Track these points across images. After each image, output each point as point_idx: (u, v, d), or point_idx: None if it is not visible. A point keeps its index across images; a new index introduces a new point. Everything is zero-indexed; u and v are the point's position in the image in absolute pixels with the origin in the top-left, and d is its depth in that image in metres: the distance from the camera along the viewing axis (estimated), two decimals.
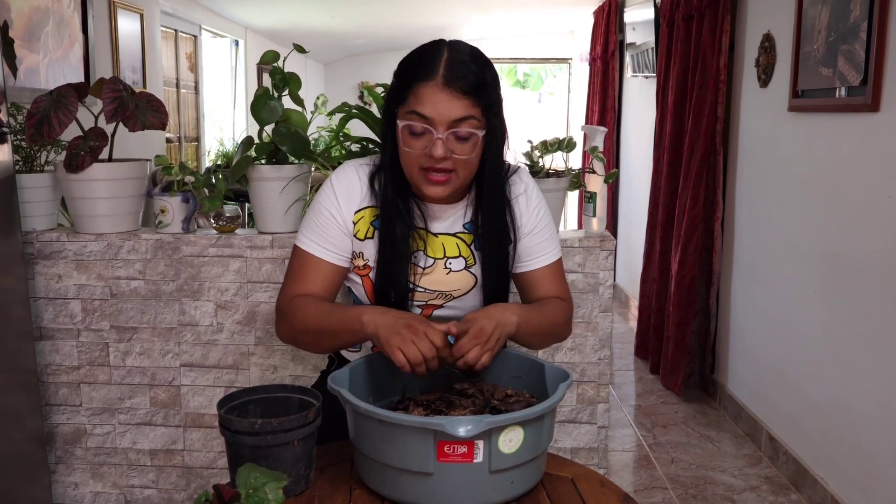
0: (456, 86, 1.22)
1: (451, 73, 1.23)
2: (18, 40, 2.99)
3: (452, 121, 1.23)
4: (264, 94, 1.92)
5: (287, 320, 1.33)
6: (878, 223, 2.24)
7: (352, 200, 1.35)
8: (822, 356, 2.58)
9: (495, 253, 1.36)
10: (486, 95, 1.25)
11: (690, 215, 3.45)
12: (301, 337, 1.34)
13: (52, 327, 2.04)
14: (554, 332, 1.38)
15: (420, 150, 1.25)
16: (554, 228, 1.45)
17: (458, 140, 1.24)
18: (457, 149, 1.25)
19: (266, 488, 0.98)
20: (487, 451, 1.06)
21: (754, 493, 2.70)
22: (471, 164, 1.28)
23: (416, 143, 1.25)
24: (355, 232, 1.35)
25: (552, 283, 1.40)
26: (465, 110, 1.23)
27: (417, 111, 1.24)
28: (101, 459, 2.11)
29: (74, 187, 1.94)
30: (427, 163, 1.25)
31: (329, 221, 1.34)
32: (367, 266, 1.36)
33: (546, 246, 1.40)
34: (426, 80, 1.23)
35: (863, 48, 2.26)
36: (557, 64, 9.04)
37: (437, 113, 1.22)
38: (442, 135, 1.23)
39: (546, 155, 1.99)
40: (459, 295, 1.38)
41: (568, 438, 2.09)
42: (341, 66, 9.39)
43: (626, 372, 4.01)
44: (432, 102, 1.22)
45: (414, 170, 1.28)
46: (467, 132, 1.24)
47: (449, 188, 1.28)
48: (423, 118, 1.23)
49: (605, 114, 5.46)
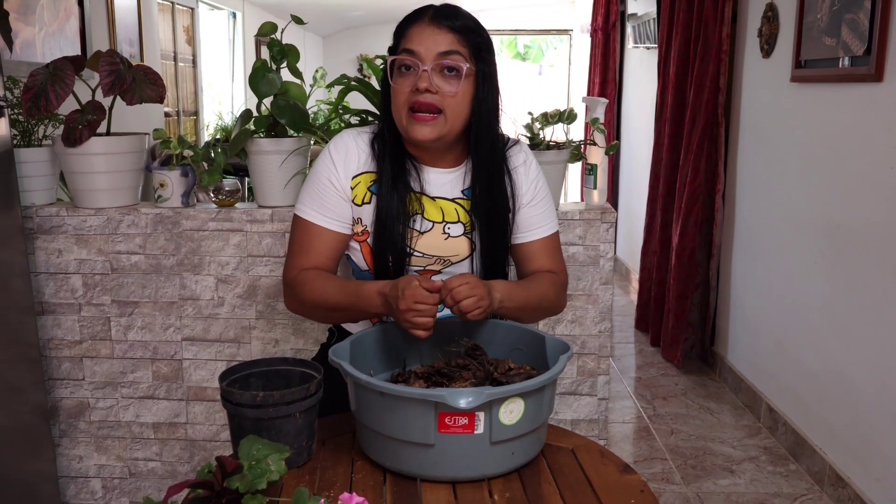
0: (443, 22, 1.27)
1: (439, 11, 1.29)
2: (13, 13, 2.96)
3: (438, 53, 1.26)
4: (262, 66, 1.90)
5: (295, 294, 1.35)
6: (879, 194, 2.23)
7: (349, 166, 1.36)
8: (821, 327, 2.59)
9: (493, 220, 1.37)
10: (473, 37, 1.29)
11: (691, 187, 3.44)
12: (311, 313, 1.37)
13: (54, 302, 2.05)
14: (543, 306, 1.39)
15: (408, 88, 1.27)
16: (552, 202, 1.45)
17: (444, 76, 1.27)
18: (443, 85, 1.27)
19: (268, 460, 0.99)
20: (488, 423, 1.06)
21: (753, 463, 2.73)
22: (458, 105, 1.29)
23: (405, 81, 1.28)
24: (353, 197, 1.36)
25: (547, 257, 1.42)
26: (451, 45, 1.26)
27: (406, 48, 1.28)
28: (105, 433, 2.12)
29: (73, 161, 1.93)
30: (414, 98, 1.27)
31: (328, 189, 1.35)
32: (365, 231, 1.37)
33: (543, 218, 1.41)
34: (415, 21, 1.29)
35: (867, 17, 2.23)
36: (558, 35, 8.95)
37: (424, 46, 1.26)
38: (428, 66, 1.25)
39: (547, 127, 1.98)
40: (457, 261, 1.38)
41: (568, 410, 2.11)
42: (340, 39, 9.31)
43: (626, 344, 4.03)
44: (419, 37, 1.27)
45: (403, 111, 1.29)
46: (452, 63, 1.26)
47: (436, 129, 1.28)
48: (411, 53, 1.27)
49: (606, 85, 5.42)
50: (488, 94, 1.32)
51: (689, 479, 2.61)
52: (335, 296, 1.30)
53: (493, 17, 8.32)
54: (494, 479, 1.12)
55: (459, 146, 1.37)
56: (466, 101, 1.29)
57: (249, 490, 0.95)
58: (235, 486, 0.94)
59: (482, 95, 1.31)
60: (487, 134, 1.34)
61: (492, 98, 1.33)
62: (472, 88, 1.30)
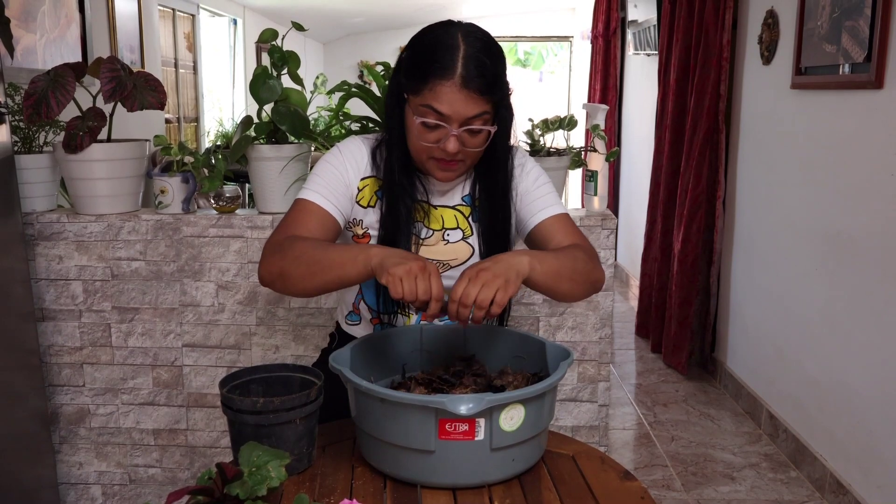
0: (473, 85, 1.22)
1: (469, 72, 1.22)
2: (15, 20, 2.97)
3: (467, 118, 1.24)
4: (263, 72, 1.91)
5: (280, 251, 1.24)
6: (879, 201, 2.23)
7: (359, 167, 1.37)
8: (821, 334, 2.58)
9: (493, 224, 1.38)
10: (499, 91, 1.27)
11: (694, 194, 3.44)
12: (290, 271, 1.22)
13: (54, 308, 2.05)
14: (578, 274, 1.27)
15: (432, 142, 1.27)
16: (552, 187, 1.44)
17: (471, 135, 1.27)
18: (468, 142, 1.27)
19: (269, 466, 0.98)
20: (489, 429, 1.06)
21: (754, 470, 2.72)
22: (480, 153, 1.31)
23: (430, 136, 1.27)
24: (359, 199, 1.36)
25: (564, 233, 1.36)
26: (479, 108, 1.24)
27: (433, 107, 1.24)
28: (105, 439, 2.12)
29: (73, 168, 1.94)
30: (439, 154, 1.28)
31: (335, 178, 1.35)
32: (366, 234, 1.37)
33: (547, 200, 1.40)
34: (443, 78, 1.22)
35: (867, 24, 2.24)
36: (558, 42, 8.97)
37: (454, 111, 1.23)
38: (456, 131, 1.24)
39: (547, 133, 1.98)
40: (457, 265, 1.39)
41: (569, 416, 2.10)
42: (340, 46, 9.33)
43: (626, 351, 4.02)
44: (449, 102, 1.23)
45: (423, 156, 1.30)
46: (479, 128, 1.26)
47: (458, 173, 1.32)
48: (439, 114, 1.24)
49: (606, 92, 5.43)
50: (506, 127, 1.34)
51: (690, 486, 2.60)
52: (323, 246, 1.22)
53: (494, 24, 8.33)
54: (495, 485, 1.12)
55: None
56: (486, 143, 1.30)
57: (250, 496, 0.94)
58: (236, 493, 0.94)
59: (500, 134, 1.32)
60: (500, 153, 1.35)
61: (508, 127, 1.34)
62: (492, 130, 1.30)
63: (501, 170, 1.37)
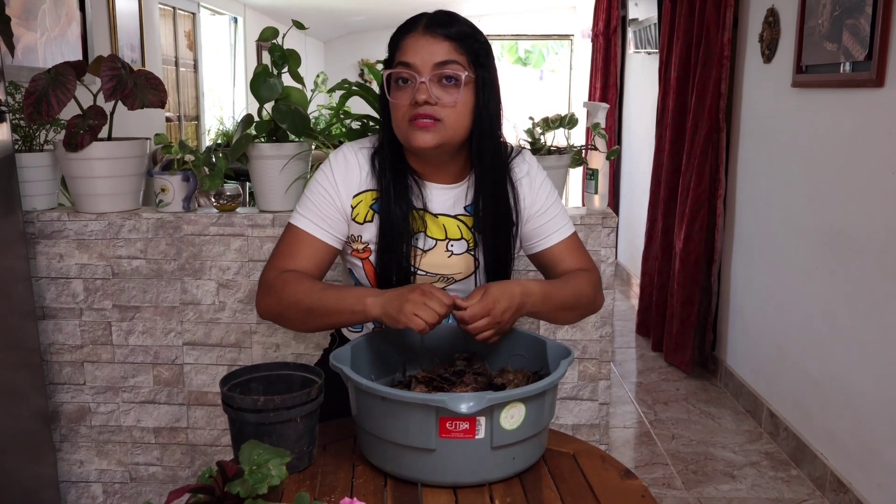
0: (438, 31, 1.24)
1: (433, 20, 1.25)
2: (15, 18, 2.97)
3: (435, 63, 1.23)
4: (264, 71, 1.91)
5: (275, 293, 1.27)
6: (881, 200, 2.23)
7: (350, 185, 1.33)
8: (822, 333, 2.58)
9: (496, 236, 1.35)
10: (470, 43, 1.26)
11: (696, 193, 3.44)
12: (288, 313, 1.27)
13: (55, 306, 2.05)
14: (581, 304, 1.34)
15: (407, 101, 1.24)
16: (562, 207, 1.43)
17: (443, 86, 1.24)
18: (441, 95, 1.24)
19: (269, 465, 0.98)
20: (489, 428, 1.06)
21: (754, 468, 2.72)
22: (458, 112, 1.25)
23: (403, 94, 1.25)
24: (354, 216, 1.34)
25: (572, 257, 1.38)
26: (447, 54, 1.23)
27: (401, 60, 1.25)
28: (106, 437, 2.12)
29: (74, 166, 1.94)
30: (413, 111, 1.24)
31: (326, 202, 1.32)
32: (367, 249, 1.35)
33: (557, 222, 1.39)
34: (409, 31, 1.26)
35: (868, 22, 2.24)
36: (559, 41, 8.97)
37: (419, 57, 1.23)
38: (425, 78, 1.22)
39: (548, 132, 1.98)
40: (461, 278, 1.37)
41: (569, 415, 2.10)
42: (341, 44, 9.33)
43: (627, 349, 4.03)
44: (414, 48, 1.24)
45: (403, 124, 1.26)
46: (451, 73, 1.23)
47: (437, 136, 1.25)
48: (406, 66, 1.24)
49: (607, 91, 5.43)
50: (489, 100, 1.28)
51: (691, 485, 2.60)
52: (318, 293, 1.24)
53: (494, 23, 8.33)
54: (495, 483, 1.12)
55: (461, 159, 1.34)
56: (467, 109, 1.26)
57: (250, 495, 0.94)
58: (236, 491, 0.94)
59: (483, 102, 1.27)
60: (490, 141, 1.31)
61: (493, 104, 1.30)
62: (473, 96, 1.26)
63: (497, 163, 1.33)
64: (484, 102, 1.28)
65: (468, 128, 1.28)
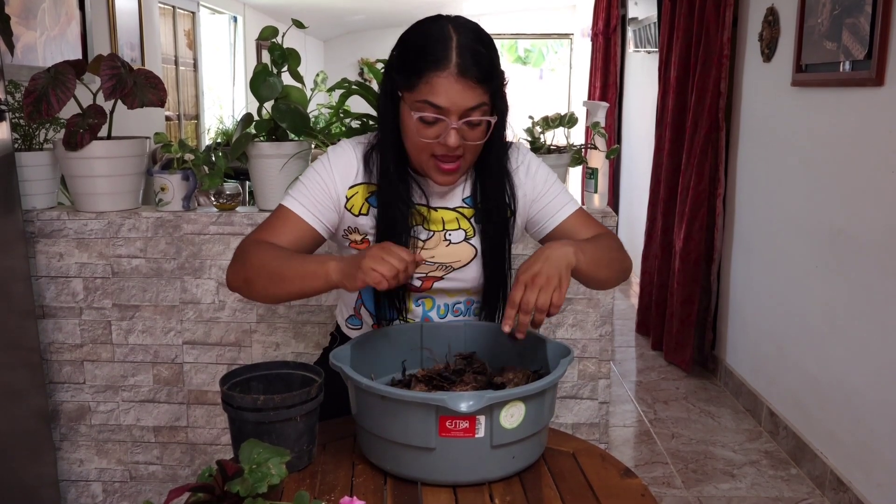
0: (471, 74, 1.19)
1: (465, 61, 1.20)
2: (15, 17, 2.96)
3: (466, 109, 1.21)
4: (263, 70, 1.91)
5: (243, 260, 1.27)
6: (880, 199, 2.23)
7: (347, 176, 1.34)
8: (822, 332, 2.58)
9: (495, 226, 1.36)
10: (495, 80, 1.25)
11: (696, 192, 3.44)
12: (253, 280, 1.25)
13: (55, 306, 2.05)
14: (615, 260, 1.33)
15: (432, 139, 1.23)
16: (562, 186, 1.43)
17: (470, 127, 1.24)
18: (468, 135, 1.24)
19: (269, 463, 0.98)
20: (489, 427, 1.06)
21: (754, 467, 2.72)
22: (479, 147, 1.28)
23: (429, 132, 1.23)
24: (349, 207, 1.34)
25: (585, 229, 1.38)
26: (478, 98, 1.21)
27: (431, 101, 1.21)
28: (106, 436, 2.12)
29: (74, 165, 1.94)
30: (440, 150, 1.24)
31: (319, 188, 1.33)
32: (365, 241, 1.35)
33: (560, 200, 1.39)
34: (439, 70, 1.20)
35: (868, 21, 2.23)
36: (559, 40, 8.96)
37: (452, 103, 1.20)
38: (456, 124, 1.21)
39: (547, 131, 1.98)
40: (459, 266, 1.37)
41: (569, 414, 2.10)
42: (341, 43, 9.32)
43: (626, 348, 4.03)
44: (447, 93, 1.20)
45: (423, 156, 1.26)
46: (479, 119, 1.23)
47: (459, 174, 1.28)
48: (437, 108, 1.21)
49: (606, 90, 5.43)
50: (502, 124, 1.30)
51: (690, 483, 2.60)
52: (282, 260, 1.22)
53: (494, 21, 8.33)
54: (495, 482, 1.12)
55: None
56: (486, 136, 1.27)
57: (250, 494, 0.94)
58: (236, 490, 0.94)
59: (497, 128, 1.29)
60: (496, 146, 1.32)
61: (503, 124, 1.31)
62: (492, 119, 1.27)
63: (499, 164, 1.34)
64: (500, 128, 1.30)
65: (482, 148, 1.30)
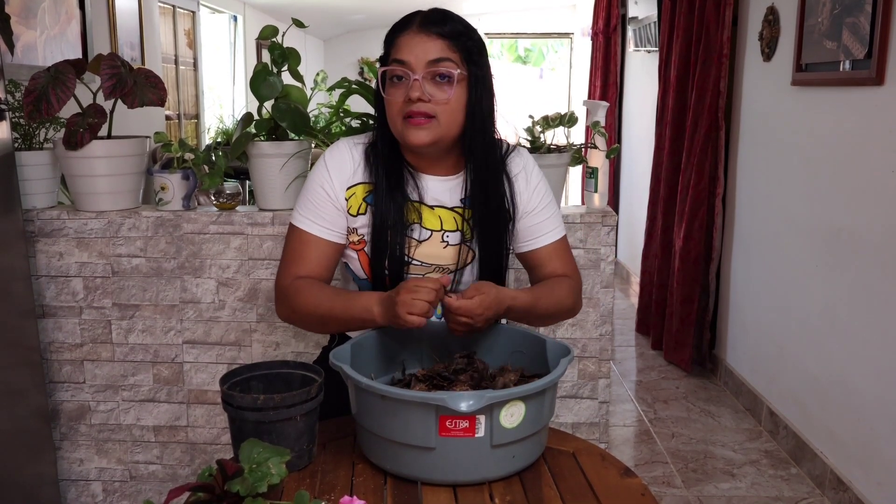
0: (432, 29, 1.26)
1: (427, 18, 1.27)
2: (15, 17, 2.96)
3: (429, 61, 1.25)
4: (263, 69, 1.91)
5: (289, 303, 1.33)
6: (880, 198, 2.23)
7: (343, 177, 1.35)
8: (822, 331, 2.58)
9: (491, 228, 1.37)
10: (464, 41, 1.28)
11: (696, 191, 3.44)
12: (304, 321, 1.35)
13: (55, 305, 2.05)
14: (560, 312, 1.40)
15: (401, 98, 1.26)
16: (556, 206, 1.45)
17: (437, 83, 1.26)
18: (435, 92, 1.26)
19: (269, 463, 0.98)
20: (489, 426, 1.06)
21: (754, 467, 2.72)
22: (452, 110, 1.28)
23: (397, 91, 1.27)
24: (348, 207, 1.35)
25: (558, 261, 1.41)
26: (441, 51, 1.26)
27: (396, 58, 1.27)
28: (106, 436, 2.12)
29: (74, 164, 1.94)
30: (407, 107, 1.26)
31: (323, 198, 1.35)
32: (361, 241, 1.36)
33: (549, 224, 1.41)
34: (403, 30, 1.28)
35: (868, 21, 2.23)
36: (559, 39, 8.95)
37: (413, 55, 1.25)
38: (419, 75, 1.25)
39: (547, 130, 1.98)
40: (455, 269, 1.37)
41: (569, 413, 2.10)
42: (341, 42, 9.32)
43: (626, 348, 4.03)
44: (408, 46, 1.26)
45: (398, 120, 1.28)
46: (444, 71, 1.25)
47: (431, 133, 1.27)
48: (401, 63, 1.26)
49: (606, 89, 5.43)
50: (482, 97, 1.31)
51: (690, 483, 2.60)
52: (328, 303, 1.29)
53: (494, 21, 8.32)
54: (495, 482, 1.12)
55: (457, 152, 1.36)
56: (460, 106, 1.28)
57: (250, 493, 0.94)
58: (236, 490, 0.94)
59: (476, 99, 1.30)
60: (482, 138, 1.33)
61: (486, 101, 1.32)
62: (466, 93, 1.29)
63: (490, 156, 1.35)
64: (477, 99, 1.30)
65: (462, 124, 1.31)
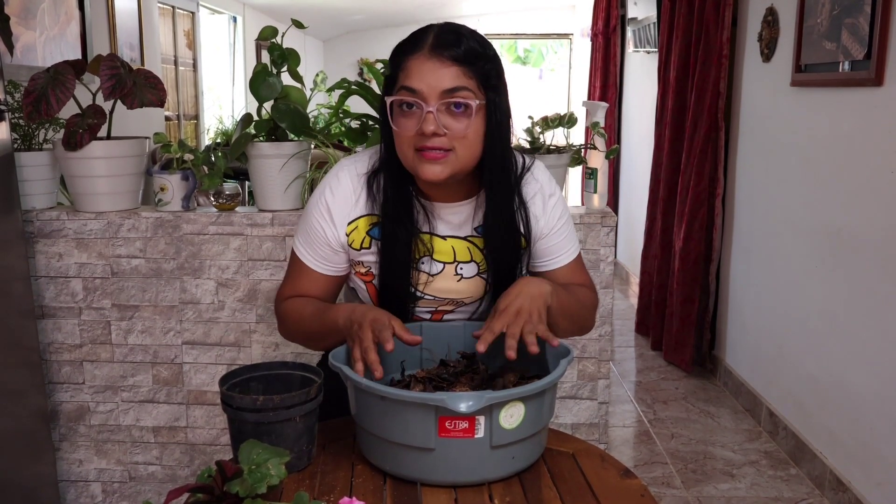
0: (445, 54, 1.13)
1: (439, 41, 1.14)
2: (14, 17, 2.96)
3: (443, 91, 1.13)
4: (263, 70, 1.91)
5: (282, 324, 1.34)
6: (880, 199, 2.23)
7: (344, 212, 1.27)
8: (822, 332, 2.58)
9: (507, 257, 1.29)
10: (480, 66, 1.15)
11: (696, 192, 3.44)
12: (294, 338, 1.35)
13: (54, 306, 2.05)
14: (582, 314, 1.31)
15: (412, 130, 1.15)
16: (571, 224, 1.36)
17: (452, 113, 1.14)
18: (451, 124, 1.14)
19: (268, 464, 0.98)
20: (488, 427, 1.06)
21: (753, 467, 2.72)
22: (470, 141, 1.17)
23: (408, 122, 1.15)
24: (350, 242, 1.28)
25: (576, 278, 1.36)
26: (456, 80, 1.13)
27: (406, 85, 1.14)
28: (105, 437, 2.12)
29: (73, 165, 1.94)
30: (420, 142, 1.15)
31: (321, 240, 1.28)
32: (369, 273, 1.30)
33: (564, 245, 1.34)
34: (414, 53, 1.15)
35: (867, 21, 2.23)
36: (558, 40, 8.96)
37: (426, 83, 1.13)
38: (433, 107, 1.13)
39: (547, 131, 1.98)
40: (470, 302, 1.33)
41: (569, 414, 2.10)
42: (340, 43, 9.32)
43: (626, 348, 4.03)
44: (419, 73, 1.13)
45: (409, 153, 1.17)
46: (460, 102, 1.13)
47: (448, 168, 1.16)
48: (412, 92, 1.14)
49: (606, 90, 5.43)
50: (500, 124, 1.19)
51: (690, 484, 2.60)
52: (307, 324, 1.28)
53: (494, 21, 8.33)
54: (495, 483, 1.12)
55: (471, 176, 1.24)
56: (478, 137, 1.17)
57: (249, 494, 0.94)
58: (235, 491, 0.94)
59: (494, 127, 1.18)
60: (500, 163, 1.23)
61: (504, 125, 1.21)
62: (484, 122, 1.17)
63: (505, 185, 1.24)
64: (495, 127, 1.19)
65: (480, 152, 1.20)
